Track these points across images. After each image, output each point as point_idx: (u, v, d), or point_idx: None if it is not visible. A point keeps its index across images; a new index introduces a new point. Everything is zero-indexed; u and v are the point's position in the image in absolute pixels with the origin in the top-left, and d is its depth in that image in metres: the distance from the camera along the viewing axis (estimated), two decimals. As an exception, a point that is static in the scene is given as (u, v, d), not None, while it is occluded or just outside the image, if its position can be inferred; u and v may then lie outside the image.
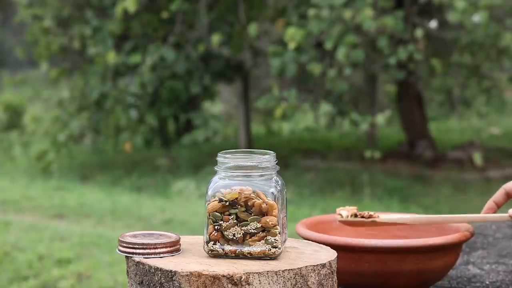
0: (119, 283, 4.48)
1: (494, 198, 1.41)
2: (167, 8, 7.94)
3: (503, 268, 1.55)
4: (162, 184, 7.99)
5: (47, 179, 8.26)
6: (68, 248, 5.20)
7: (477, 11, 6.55)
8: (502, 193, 1.41)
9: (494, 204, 1.40)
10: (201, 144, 9.09)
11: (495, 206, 1.40)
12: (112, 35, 8.13)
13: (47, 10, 8.58)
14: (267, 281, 1.03)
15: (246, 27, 7.91)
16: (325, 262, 1.08)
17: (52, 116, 8.95)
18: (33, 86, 12.42)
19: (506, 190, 1.41)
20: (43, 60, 8.75)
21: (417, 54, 6.70)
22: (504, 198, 1.41)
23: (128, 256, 1.11)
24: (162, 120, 9.45)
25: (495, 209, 1.40)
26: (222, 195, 1.10)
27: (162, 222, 6.19)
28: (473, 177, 8.05)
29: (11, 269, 4.75)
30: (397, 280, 1.29)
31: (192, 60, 8.19)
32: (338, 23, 6.66)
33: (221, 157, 1.13)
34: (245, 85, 9.68)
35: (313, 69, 6.91)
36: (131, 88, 8.54)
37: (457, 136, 10.38)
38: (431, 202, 7.09)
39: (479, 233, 1.85)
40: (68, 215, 6.57)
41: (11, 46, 11.32)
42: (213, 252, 1.10)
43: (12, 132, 11.16)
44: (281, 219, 1.11)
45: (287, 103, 7.30)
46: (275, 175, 1.13)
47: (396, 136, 10.05)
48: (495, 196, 1.41)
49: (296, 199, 6.99)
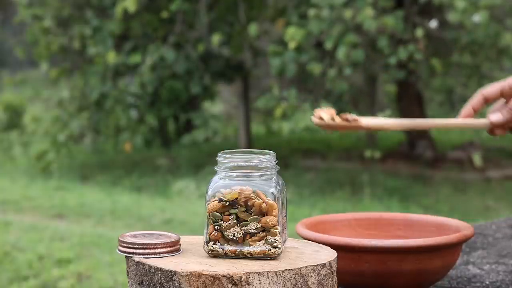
0: (119, 283, 4.48)
1: (471, 104, 1.36)
2: (167, 8, 7.94)
3: (503, 268, 1.55)
4: (162, 184, 7.99)
5: (47, 179, 8.26)
6: (68, 248, 5.21)
7: (477, 11, 6.56)
8: (480, 98, 1.36)
9: (472, 109, 1.36)
10: (201, 144, 9.09)
11: (472, 111, 1.36)
12: (112, 35, 8.13)
13: (47, 10, 8.58)
14: (267, 281, 1.03)
15: (246, 27, 7.91)
16: (325, 262, 1.08)
17: (52, 116, 8.95)
18: (33, 86, 12.43)
19: (484, 95, 1.37)
20: (43, 60, 8.75)
21: (417, 54, 6.70)
22: (481, 103, 1.36)
23: (128, 256, 1.11)
24: (162, 120, 9.45)
25: (472, 115, 1.36)
26: (222, 195, 1.10)
27: (162, 222, 6.19)
28: (473, 177, 8.05)
29: (11, 269, 4.76)
30: (397, 280, 1.29)
31: (192, 60, 8.19)
32: (338, 23, 6.66)
33: (221, 157, 1.13)
34: (245, 85, 9.68)
35: (313, 69, 6.91)
36: (131, 88, 8.54)
37: (457, 136, 10.38)
38: (431, 202, 7.09)
39: (479, 233, 1.85)
40: (68, 215, 6.58)
41: (11, 46, 11.31)
42: (213, 252, 1.10)
43: (12, 132, 11.16)
44: (281, 219, 1.11)
45: (287, 103, 7.30)
46: (275, 175, 1.13)
47: (396, 136, 10.05)
48: (472, 101, 1.37)
49: (296, 199, 6.99)
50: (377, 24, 6.51)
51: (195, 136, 8.36)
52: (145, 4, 8.22)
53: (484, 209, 6.87)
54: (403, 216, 1.48)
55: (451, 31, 7.42)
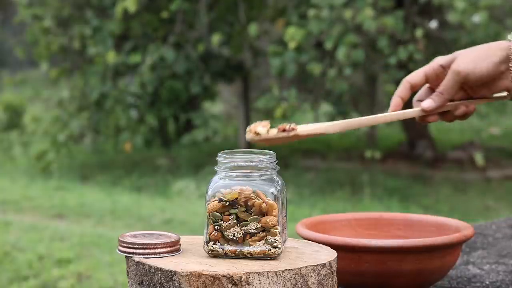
0: (119, 283, 4.48)
1: (399, 93, 1.33)
2: (167, 8, 7.94)
3: (503, 268, 1.55)
4: (162, 184, 7.99)
5: (47, 179, 8.26)
6: (68, 248, 5.21)
7: (477, 11, 6.56)
8: (406, 86, 1.34)
9: (400, 99, 1.34)
10: (201, 144, 9.09)
11: (401, 101, 1.34)
12: (112, 35, 8.13)
13: (47, 10, 8.58)
14: (267, 281, 1.03)
15: (246, 27, 7.91)
16: (325, 262, 1.08)
17: (52, 116, 8.95)
18: (33, 86, 12.43)
19: (409, 82, 1.34)
20: (43, 60, 8.75)
21: (417, 54, 6.70)
22: (408, 91, 1.34)
23: (128, 256, 1.11)
24: (162, 120, 9.45)
25: (401, 105, 1.33)
26: (222, 195, 1.10)
27: (162, 222, 6.19)
28: (473, 177, 8.05)
29: (11, 269, 4.76)
30: (397, 280, 1.29)
31: (192, 60, 8.19)
32: (338, 23, 6.66)
33: (221, 157, 1.13)
34: (245, 85, 9.68)
35: (313, 69, 6.91)
36: (131, 88, 8.54)
37: (457, 136, 10.38)
38: (431, 202, 7.09)
39: (479, 233, 1.85)
40: (68, 215, 6.58)
41: (11, 46, 11.31)
42: (213, 252, 1.10)
43: (12, 132, 11.16)
44: (281, 219, 1.11)
45: (287, 103, 7.30)
46: (275, 175, 1.13)
47: (396, 136, 10.05)
48: (399, 90, 1.34)
49: (296, 199, 6.99)
50: (377, 24, 6.51)
51: (195, 136, 8.36)
52: (145, 4, 8.22)
53: (484, 209, 6.87)
54: (403, 216, 1.48)
55: (451, 31, 7.42)
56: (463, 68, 1.28)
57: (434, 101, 1.32)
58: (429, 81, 1.35)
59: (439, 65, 1.33)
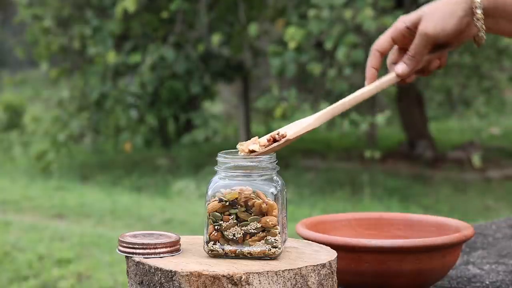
0: (119, 283, 4.48)
1: (371, 64, 1.34)
2: (167, 8, 7.94)
3: (503, 268, 1.55)
4: (162, 184, 7.99)
5: (47, 179, 8.26)
6: (68, 248, 5.21)
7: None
8: (377, 55, 1.34)
9: (374, 69, 1.34)
10: (201, 144, 9.09)
11: (375, 71, 1.33)
12: (112, 35, 8.13)
13: (47, 10, 8.58)
14: (267, 281, 1.03)
15: (246, 27, 7.91)
16: (325, 262, 1.08)
17: (52, 116, 8.95)
18: (33, 86, 12.43)
19: (378, 49, 1.34)
20: (43, 60, 8.75)
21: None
22: (380, 59, 1.34)
23: (128, 256, 1.11)
24: (162, 120, 9.45)
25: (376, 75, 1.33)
26: (222, 195, 1.10)
27: (162, 222, 6.19)
28: (473, 177, 8.05)
29: (11, 269, 4.76)
30: (397, 280, 1.29)
31: (192, 60, 8.19)
32: (338, 23, 6.66)
33: (221, 157, 1.13)
34: (245, 85, 9.68)
35: (313, 69, 6.91)
36: (131, 88, 8.54)
37: (457, 136, 10.38)
38: (431, 202, 7.09)
39: (479, 233, 1.85)
40: (68, 215, 6.58)
41: (11, 46, 11.31)
42: (213, 252, 1.10)
43: (12, 132, 11.16)
44: (281, 219, 1.11)
45: (287, 103, 7.30)
46: (275, 175, 1.13)
47: (396, 136, 10.05)
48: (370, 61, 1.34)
49: (296, 199, 6.99)
50: (377, 24, 6.51)
51: (195, 136, 8.36)
52: (145, 4, 8.22)
53: (484, 209, 6.87)
54: (403, 216, 1.48)
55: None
56: (432, 30, 1.28)
57: (407, 65, 1.32)
58: (396, 43, 1.35)
59: (405, 27, 1.33)
